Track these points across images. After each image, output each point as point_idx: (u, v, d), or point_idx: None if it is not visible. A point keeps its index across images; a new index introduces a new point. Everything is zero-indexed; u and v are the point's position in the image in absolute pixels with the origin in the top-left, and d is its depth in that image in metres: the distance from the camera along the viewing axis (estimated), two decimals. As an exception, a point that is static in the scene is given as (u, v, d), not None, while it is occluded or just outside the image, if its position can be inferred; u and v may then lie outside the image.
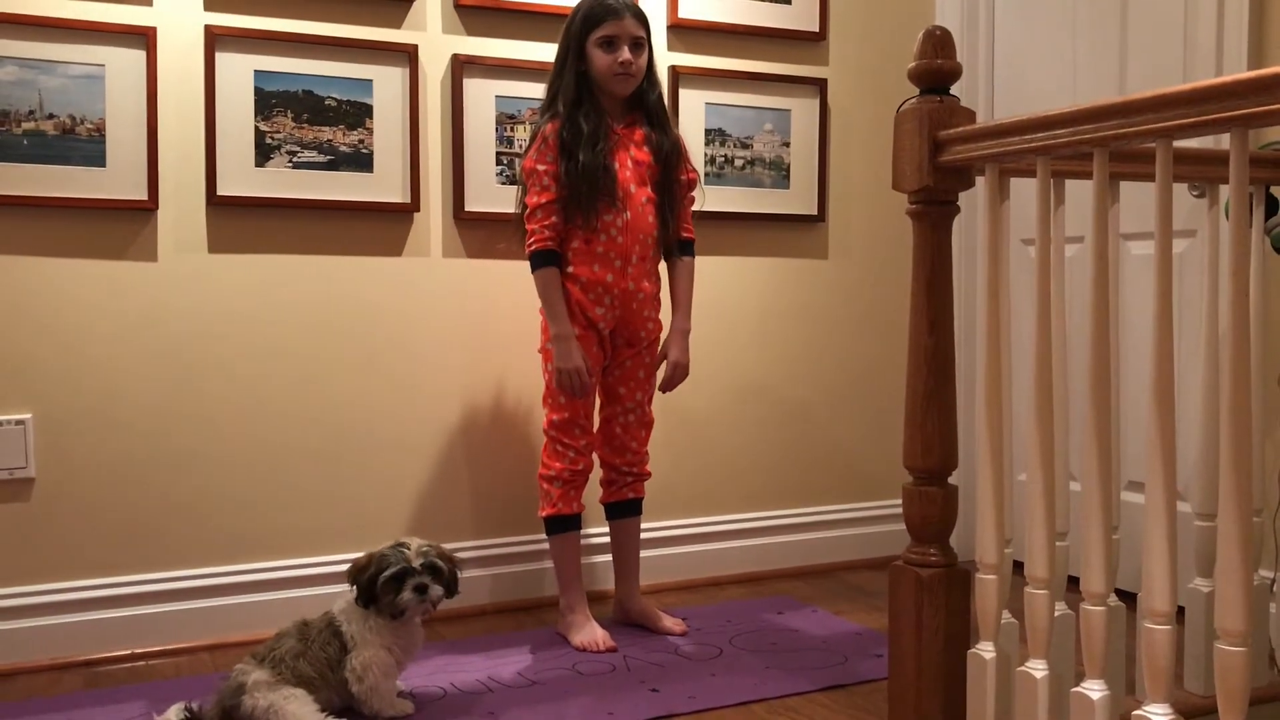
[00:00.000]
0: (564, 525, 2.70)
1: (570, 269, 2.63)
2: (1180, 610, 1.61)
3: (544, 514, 2.70)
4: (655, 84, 2.70)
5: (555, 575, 2.77)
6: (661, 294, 2.77)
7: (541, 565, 3.01)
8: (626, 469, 2.77)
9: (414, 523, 2.86)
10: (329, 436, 2.81)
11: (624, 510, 2.81)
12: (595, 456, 2.76)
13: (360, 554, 2.24)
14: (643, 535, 2.97)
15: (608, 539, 2.88)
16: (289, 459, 2.77)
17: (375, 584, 2.15)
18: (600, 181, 2.57)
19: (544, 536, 2.79)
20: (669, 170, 2.69)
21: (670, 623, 2.75)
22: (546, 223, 2.59)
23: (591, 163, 2.56)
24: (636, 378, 2.73)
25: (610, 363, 2.72)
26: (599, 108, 2.62)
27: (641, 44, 2.62)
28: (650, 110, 2.69)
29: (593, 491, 2.81)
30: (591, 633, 2.64)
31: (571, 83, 2.61)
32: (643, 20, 2.63)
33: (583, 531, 2.78)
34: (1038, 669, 1.68)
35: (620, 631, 2.73)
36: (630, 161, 2.64)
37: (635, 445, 2.77)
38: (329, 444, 2.81)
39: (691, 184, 2.76)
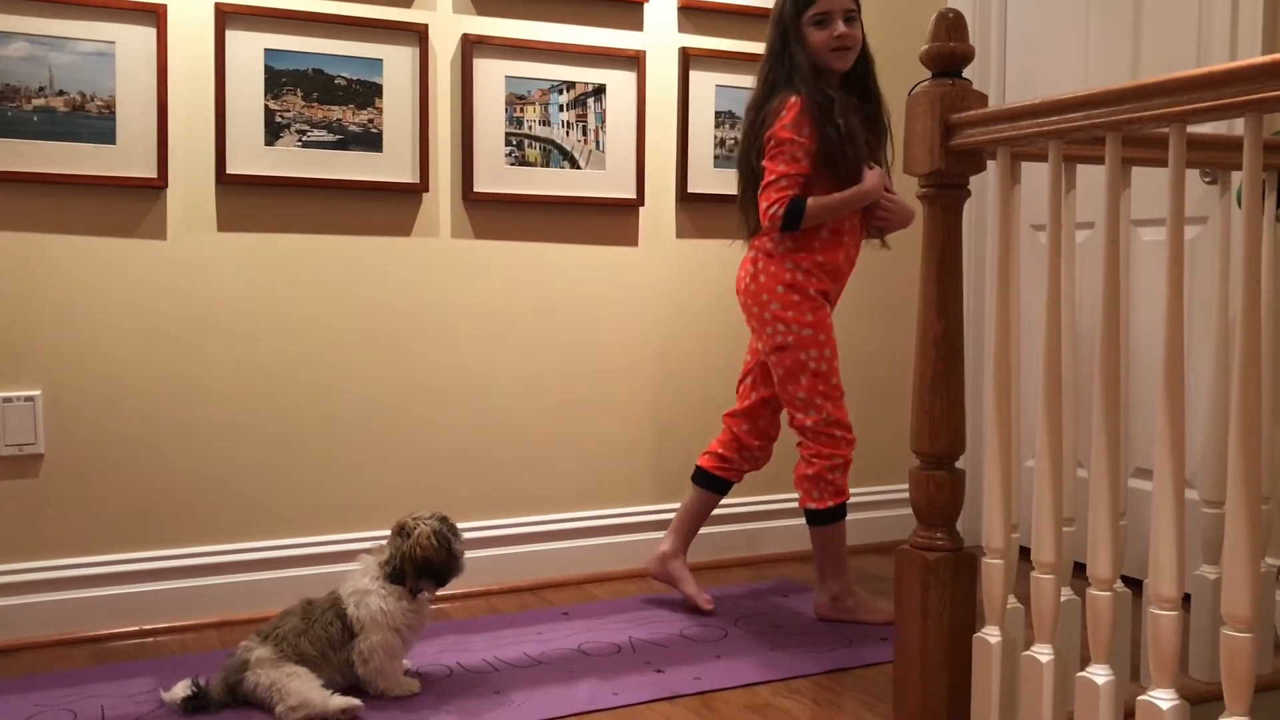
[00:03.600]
0: (844, 513, 2.67)
1: (820, 257, 2.60)
2: (1187, 597, 1.60)
3: (835, 502, 2.63)
4: (870, 60, 2.67)
5: (830, 560, 2.69)
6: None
7: (548, 546, 3.02)
8: (750, 454, 2.78)
9: (421, 502, 2.86)
10: (336, 415, 2.81)
11: (715, 485, 2.81)
12: (745, 431, 2.77)
13: (386, 529, 2.25)
14: (648, 519, 2.99)
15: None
16: (296, 437, 2.78)
17: (453, 556, 2.22)
18: (863, 147, 2.56)
19: (548, 517, 2.79)
20: (879, 150, 2.68)
21: (703, 599, 2.76)
22: (790, 189, 2.52)
23: (853, 127, 2.54)
24: None
25: None
26: (831, 85, 2.58)
27: (853, 16, 2.59)
28: (870, 89, 2.67)
29: (684, 453, 2.86)
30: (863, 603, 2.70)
31: (803, 63, 2.55)
32: None
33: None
34: (1043, 653, 1.69)
35: (629, 611, 2.74)
36: None
37: (774, 433, 2.79)
38: (336, 423, 2.82)
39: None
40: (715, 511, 3.23)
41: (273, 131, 2.71)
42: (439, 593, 2.28)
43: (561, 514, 3.04)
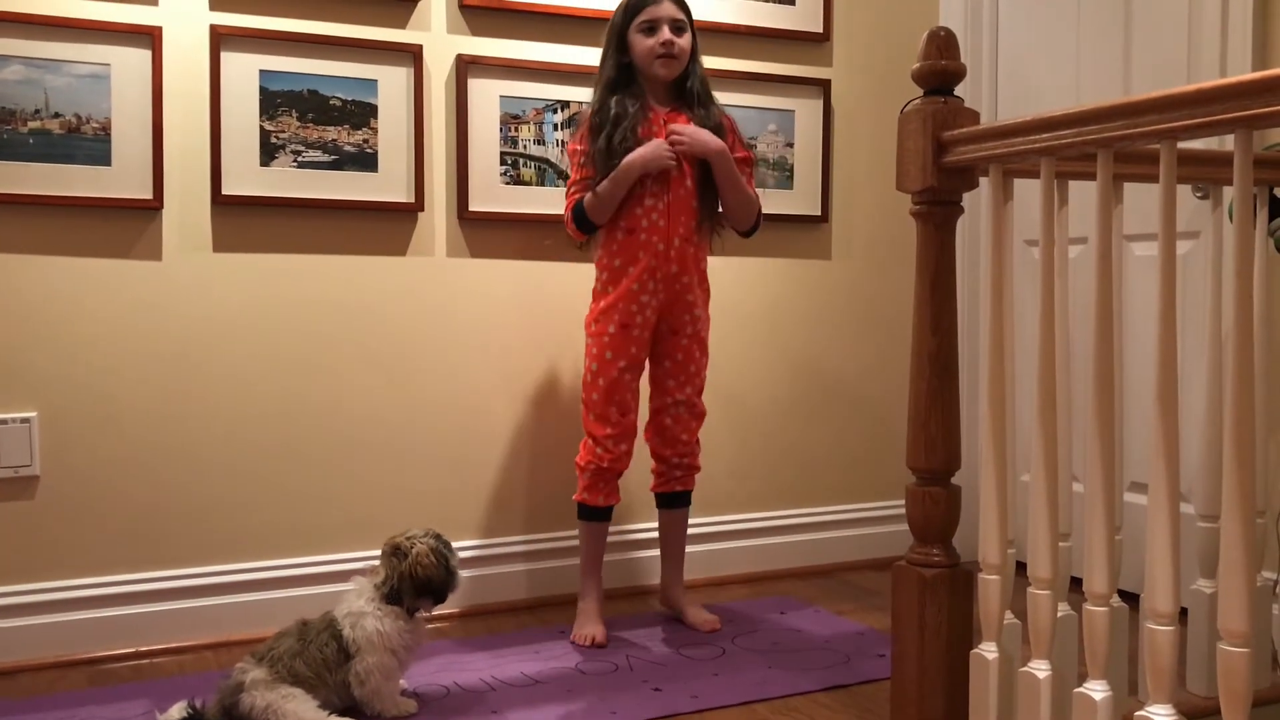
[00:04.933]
0: (585, 514, 2.74)
1: (618, 262, 2.65)
2: (1183, 611, 1.61)
3: (576, 498, 2.75)
4: (698, 72, 2.71)
5: (581, 559, 2.80)
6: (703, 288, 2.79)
7: (544, 564, 3.01)
8: (676, 460, 2.79)
9: (418, 520, 2.85)
10: (332, 435, 2.81)
11: (672, 502, 2.84)
12: (647, 447, 2.80)
13: (378, 549, 2.24)
14: (643, 536, 2.99)
15: (656, 533, 2.93)
16: (292, 458, 2.78)
17: (451, 573, 2.22)
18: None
19: (547, 535, 2.81)
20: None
21: (702, 619, 2.77)
22: (578, 195, 2.65)
23: (612, 148, 2.58)
24: (687, 371, 2.75)
25: (659, 353, 2.74)
26: (639, 94, 2.65)
27: (683, 27, 2.64)
28: (692, 94, 2.70)
29: (643, 481, 2.88)
30: (582, 626, 2.68)
31: (612, 73, 2.65)
32: (683, 7, 2.66)
33: (631, 525, 2.81)
34: (1040, 669, 1.68)
35: (628, 630, 2.74)
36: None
37: (685, 437, 2.78)
38: (332, 443, 2.81)
39: (745, 161, 2.74)
40: (715, 528, 3.24)
41: (268, 152, 2.72)
42: (435, 611, 2.28)
43: (558, 532, 3.04)
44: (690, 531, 3.15)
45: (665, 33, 2.60)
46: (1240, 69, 2.56)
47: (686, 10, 2.66)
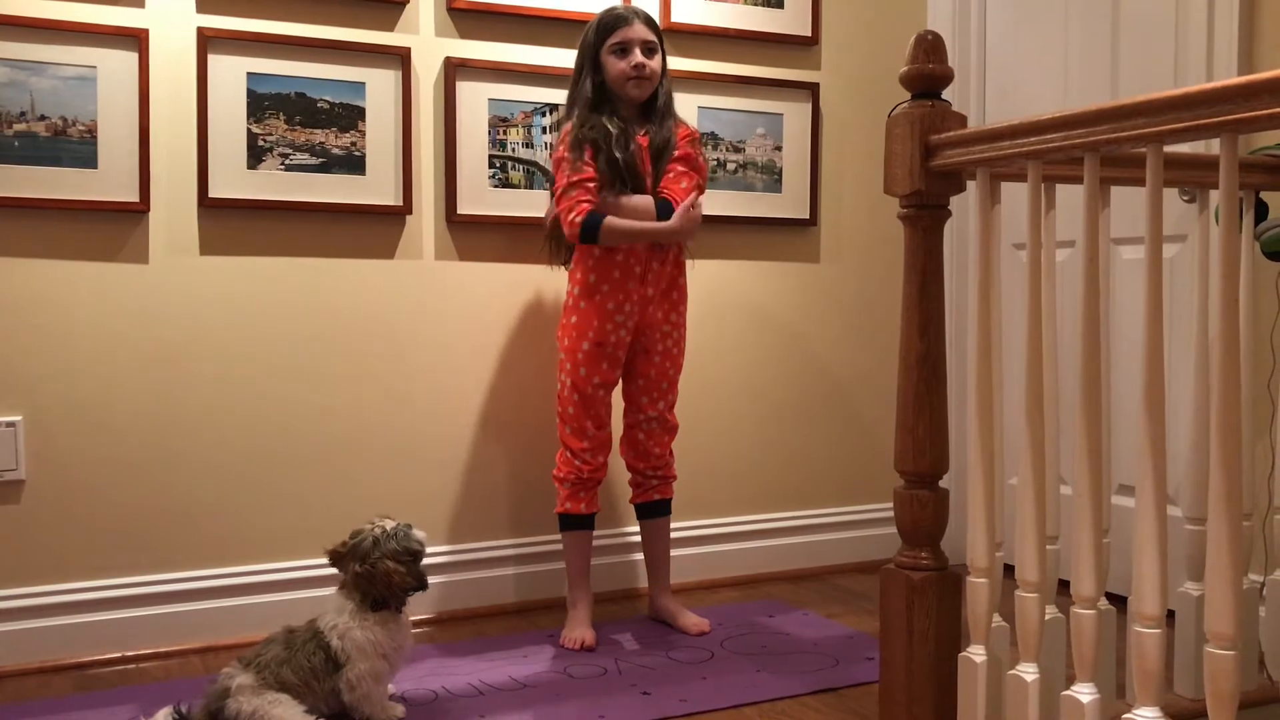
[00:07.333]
0: (569, 523, 2.75)
1: (593, 278, 2.65)
2: (1171, 614, 1.61)
3: (557, 509, 2.75)
4: (666, 88, 2.71)
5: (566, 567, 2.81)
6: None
7: (532, 569, 3.01)
8: (651, 472, 2.81)
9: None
10: (319, 439, 2.80)
11: (650, 511, 2.85)
12: (622, 460, 2.83)
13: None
14: (633, 540, 2.99)
15: (639, 539, 2.94)
16: (279, 462, 2.77)
17: (416, 554, 2.18)
18: (636, 177, 2.60)
19: (536, 539, 2.82)
20: (660, 163, 2.68)
21: (691, 622, 2.77)
22: (584, 198, 2.57)
23: (629, 159, 2.59)
24: (660, 388, 2.76)
25: (632, 371, 2.75)
26: (619, 115, 2.65)
27: (654, 48, 2.65)
28: (654, 109, 2.70)
29: (626, 491, 2.89)
30: (572, 630, 2.68)
31: (589, 92, 2.64)
32: (654, 28, 2.66)
33: (621, 529, 2.84)
34: (1028, 672, 1.69)
35: (617, 633, 2.73)
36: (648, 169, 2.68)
37: (658, 450, 2.80)
38: (319, 446, 2.81)
39: (689, 159, 2.69)
40: (704, 531, 3.25)
41: (255, 155, 2.71)
42: (426, 616, 2.26)
43: (547, 535, 3.03)
44: (680, 535, 3.15)
45: (637, 55, 2.61)
46: (1226, 73, 2.57)
47: (657, 30, 2.67)
